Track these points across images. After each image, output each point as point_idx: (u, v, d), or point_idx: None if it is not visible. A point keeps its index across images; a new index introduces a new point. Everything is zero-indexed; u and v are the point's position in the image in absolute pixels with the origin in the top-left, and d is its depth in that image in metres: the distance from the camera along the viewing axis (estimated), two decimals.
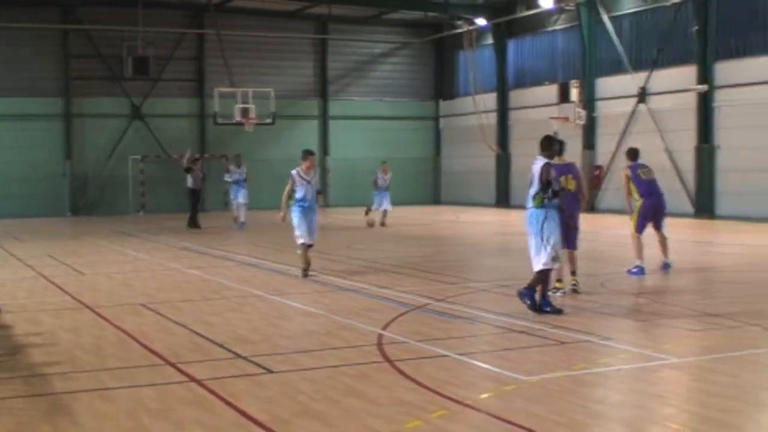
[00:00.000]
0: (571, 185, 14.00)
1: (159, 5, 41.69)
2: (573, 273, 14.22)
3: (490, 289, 15.26)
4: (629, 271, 16.25)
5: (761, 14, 31.91)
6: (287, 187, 16.65)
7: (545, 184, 12.33)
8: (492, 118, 44.83)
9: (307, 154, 16.98)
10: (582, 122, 38.24)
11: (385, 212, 30.41)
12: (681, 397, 8.37)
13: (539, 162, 12.49)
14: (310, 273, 16.77)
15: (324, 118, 46.70)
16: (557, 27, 41.78)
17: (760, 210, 30.51)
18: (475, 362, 9.47)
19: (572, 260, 14.23)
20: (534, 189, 12.44)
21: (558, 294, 13.61)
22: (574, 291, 13.98)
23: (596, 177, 38.18)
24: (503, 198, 44.42)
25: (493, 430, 7.19)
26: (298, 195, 16.55)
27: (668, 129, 34.90)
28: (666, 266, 16.80)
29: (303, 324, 12.18)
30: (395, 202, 42.28)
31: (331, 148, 46.48)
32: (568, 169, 14.30)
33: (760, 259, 19.34)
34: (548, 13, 41.28)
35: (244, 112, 39.31)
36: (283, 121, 42.70)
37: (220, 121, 39.43)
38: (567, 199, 13.59)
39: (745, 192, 31.78)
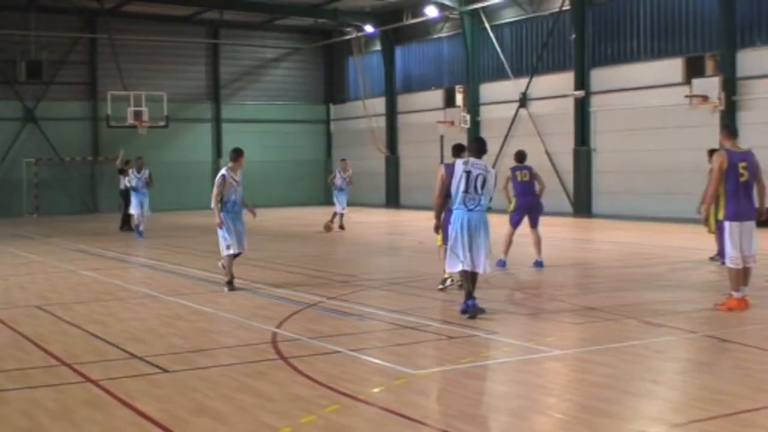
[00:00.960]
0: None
1: (52, 10, 40.72)
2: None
3: (381, 287, 15.32)
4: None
5: (634, 23, 32.77)
6: (216, 190, 14.76)
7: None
8: (381, 122, 45.09)
9: (238, 153, 15.10)
10: (467, 126, 38.73)
11: (339, 215, 28.47)
12: (563, 387, 8.53)
13: (491, 171, 11.96)
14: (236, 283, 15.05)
15: (217, 121, 46.25)
16: (442, 35, 42.18)
17: (633, 209, 31.35)
18: (367, 358, 9.50)
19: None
20: (488, 196, 11.83)
21: (447, 283, 13.88)
22: (461, 286, 14.06)
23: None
24: (393, 199, 44.67)
25: (385, 422, 7.22)
26: (228, 199, 14.79)
27: (548, 132, 35.55)
28: (538, 264, 17.14)
29: (198, 324, 12.03)
30: (288, 203, 42.25)
31: (224, 151, 46.02)
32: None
33: (633, 255, 19.84)
34: (433, 21, 41.67)
35: (137, 115, 38.82)
36: (177, 124, 42.30)
37: (113, 124, 38.81)
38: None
39: (618, 192, 32.63)
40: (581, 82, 33.99)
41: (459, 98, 39.68)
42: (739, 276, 12.21)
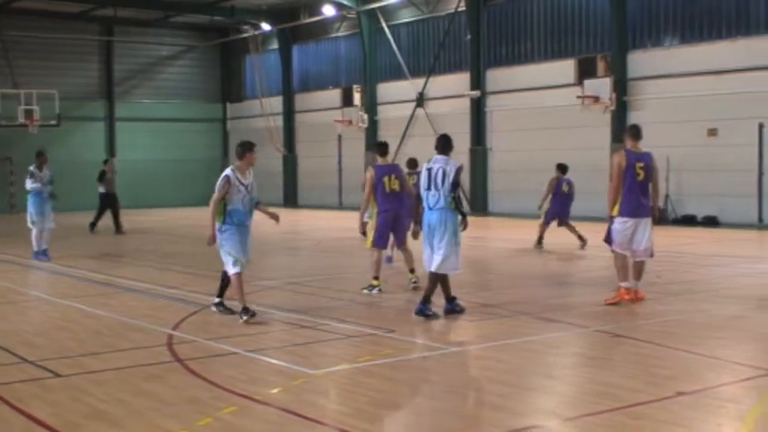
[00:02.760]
0: (395, 185, 13.77)
1: None
2: (412, 271, 14.04)
3: (279, 286, 15.26)
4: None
5: (528, 25, 33.32)
6: (217, 195, 11.66)
7: (455, 185, 11.65)
8: (279, 121, 44.91)
9: (246, 148, 11.87)
10: (364, 125, 38.85)
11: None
12: (460, 383, 8.61)
13: (452, 163, 11.71)
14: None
15: (111, 119, 45.40)
16: (340, 34, 42.22)
17: (528, 207, 31.80)
18: (265, 358, 9.44)
19: (409, 258, 14.11)
20: (446, 190, 11.54)
21: (374, 291, 13.64)
22: (415, 288, 13.77)
23: None
24: (291, 198, 44.53)
25: (283, 423, 7.19)
26: (234, 207, 11.72)
27: (445, 132, 35.79)
28: (388, 259, 16.75)
29: (91, 327, 11.77)
30: (185, 203, 41.68)
31: (118, 150, 45.21)
32: (391, 169, 13.97)
33: (528, 253, 20.15)
34: (331, 21, 41.67)
35: (28, 113, 37.88)
36: (69, 122, 41.38)
37: (3, 123, 37.83)
38: (392, 200, 13.65)
39: (514, 190, 33.12)
40: (477, 83, 34.40)
41: (357, 98, 39.77)
42: (625, 266, 12.66)
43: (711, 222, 27.10)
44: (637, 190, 12.56)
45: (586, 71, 30.53)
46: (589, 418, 7.11)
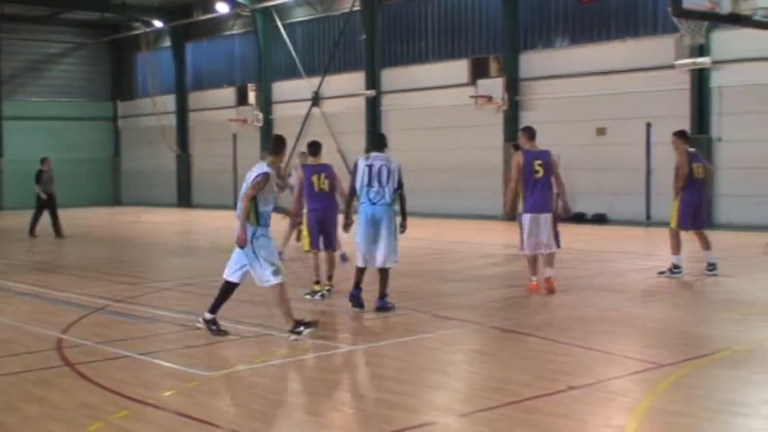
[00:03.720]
0: (325, 185, 13.42)
1: None
2: (330, 277, 13.55)
3: (172, 288, 15.05)
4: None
5: (423, 25, 33.56)
6: (252, 192, 10.10)
7: (401, 184, 12.05)
8: (172, 119, 44.31)
9: (281, 143, 10.97)
10: (260, 124, 38.62)
11: None
12: (356, 381, 8.63)
13: (394, 162, 12.02)
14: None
15: None
16: (234, 32, 41.87)
17: (422, 206, 32.02)
18: (157, 361, 9.29)
19: (332, 263, 13.71)
20: (392, 186, 11.87)
21: (316, 297, 13.22)
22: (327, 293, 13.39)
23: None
24: (185, 198, 43.97)
25: (176, 426, 7.08)
26: (265, 208, 10.27)
27: (341, 131, 35.86)
28: (343, 257, 16.76)
29: None
30: (76, 204, 40.77)
31: (5, 150, 44.03)
32: (322, 168, 13.58)
33: (423, 251, 20.27)
34: (225, 18, 41.30)
35: None
36: None
37: None
38: (322, 200, 13.38)
39: (408, 190, 33.16)
40: (372, 82, 34.50)
41: (251, 96, 39.51)
42: (533, 262, 13.44)
43: (600, 219, 27.72)
44: (537, 188, 13.12)
45: (479, 71, 30.92)
46: (484, 413, 7.19)
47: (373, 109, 34.64)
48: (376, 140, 12.71)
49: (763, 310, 11.78)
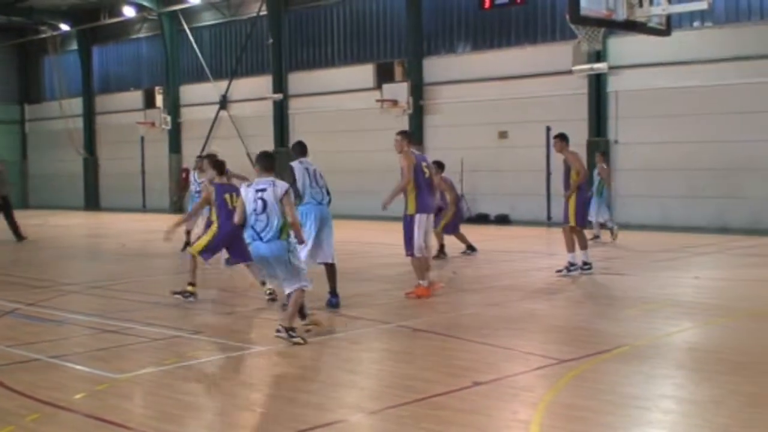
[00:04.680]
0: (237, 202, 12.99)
1: None
2: (263, 283, 12.91)
3: (81, 291, 14.78)
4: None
5: (329, 30, 33.57)
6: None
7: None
8: (79, 123, 43.49)
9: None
10: (168, 127, 38.17)
11: None
12: (268, 382, 8.59)
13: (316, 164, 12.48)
14: None
15: None
16: (141, 35, 41.31)
17: (338, 207, 32.04)
18: (68, 364, 9.11)
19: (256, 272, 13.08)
20: (326, 188, 12.47)
21: (190, 299, 12.92)
22: (272, 299, 12.74)
23: (184, 179, 38.16)
24: (92, 201, 43.20)
25: (87, 429, 6.96)
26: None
27: (249, 134, 35.64)
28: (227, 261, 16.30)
29: None
30: None
31: None
32: (232, 188, 13.03)
33: (339, 252, 20.22)
34: (132, 22, 40.69)
35: None
36: None
37: None
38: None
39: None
40: (279, 86, 34.37)
41: (159, 99, 39.02)
42: (422, 265, 13.16)
43: (503, 220, 28.08)
44: (426, 189, 13.16)
45: (384, 76, 31.08)
46: (392, 410, 7.22)
47: (281, 112, 34.52)
48: (299, 148, 12.61)
49: (660, 307, 12.07)
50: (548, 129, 26.75)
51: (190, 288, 13.05)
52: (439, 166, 17.90)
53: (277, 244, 9.73)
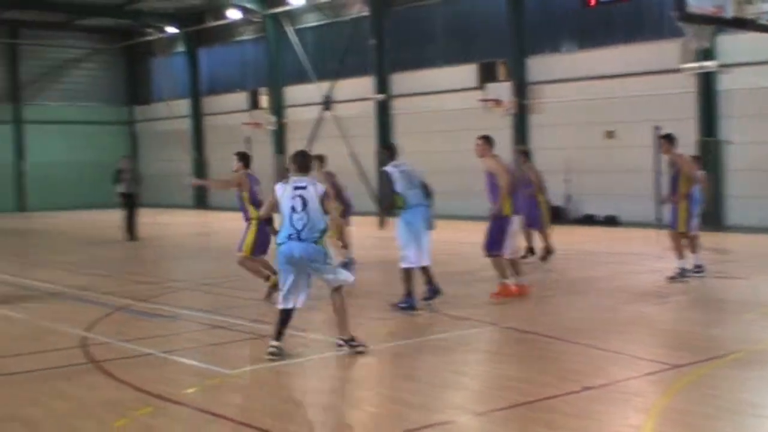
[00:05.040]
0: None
1: None
2: (267, 278, 13.18)
3: (191, 287, 15.08)
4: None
5: (430, 30, 33.53)
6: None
7: None
8: (187, 123, 44.36)
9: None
10: (273, 128, 38.64)
11: None
12: (374, 381, 8.62)
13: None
14: None
15: (18, 122, 44.24)
16: (246, 37, 41.87)
17: (441, 207, 31.99)
18: (180, 359, 9.31)
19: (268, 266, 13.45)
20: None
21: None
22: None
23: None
24: (201, 199, 43.99)
25: (198, 422, 7.10)
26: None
27: (352, 134, 35.83)
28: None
29: (6, 330, 11.48)
30: (94, 206, 40.81)
31: (27, 153, 44.12)
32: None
33: (436, 252, 20.20)
34: (236, 24, 41.31)
35: None
36: None
37: None
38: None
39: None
40: (382, 86, 34.48)
41: (264, 100, 39.53)
42: (506, 264, 13.10)
43: (611, 221, 27.62)
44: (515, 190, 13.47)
45: (487, 75, 30.86)
46: (499, 413, 7.18)
47: (383, 112, 34.63)
48: (390, 151, 13.03)
49: None
50: (656, 128, 26.22)
51: (273, 279, 12.54)
52: (525, 154, 18.61)
53: (314, 247, 9.23)
